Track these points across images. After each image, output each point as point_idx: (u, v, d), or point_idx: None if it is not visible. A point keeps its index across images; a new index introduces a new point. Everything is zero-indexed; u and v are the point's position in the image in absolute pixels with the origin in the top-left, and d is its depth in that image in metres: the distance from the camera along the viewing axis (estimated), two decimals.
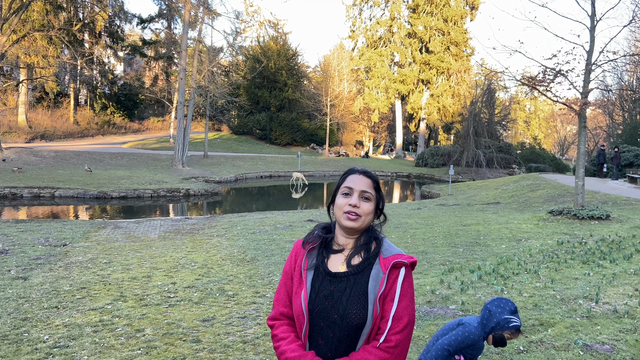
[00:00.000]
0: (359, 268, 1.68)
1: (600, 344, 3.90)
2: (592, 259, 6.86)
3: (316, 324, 1.66)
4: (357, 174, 1.75)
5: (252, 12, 39.45)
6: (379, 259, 1.69)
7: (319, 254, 1.75)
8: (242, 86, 47.52)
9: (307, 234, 1.83)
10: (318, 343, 1.67)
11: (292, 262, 1.79)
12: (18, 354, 3.92)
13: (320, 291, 1.67)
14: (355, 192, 1.71)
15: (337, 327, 1.63)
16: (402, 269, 1.66)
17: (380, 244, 1.73)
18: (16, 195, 17.84)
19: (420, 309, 4.93)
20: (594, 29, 11.19)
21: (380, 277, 1.64)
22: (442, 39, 44.96)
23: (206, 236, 9.98)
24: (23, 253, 7.76)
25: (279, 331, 1.73)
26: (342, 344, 1.64)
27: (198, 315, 4.95)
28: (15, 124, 35.55)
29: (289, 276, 1.78)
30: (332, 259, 1.74)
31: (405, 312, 1.63)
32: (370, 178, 1.75)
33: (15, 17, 23.82)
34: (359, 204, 1.69)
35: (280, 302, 1.77)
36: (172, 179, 22.52)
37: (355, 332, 1.63)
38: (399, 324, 1.61)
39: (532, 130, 74.97)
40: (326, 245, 1.78)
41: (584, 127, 11.63)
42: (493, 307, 2.51)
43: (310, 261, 1.73)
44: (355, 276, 1.67)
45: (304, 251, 1.77)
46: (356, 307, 1.62)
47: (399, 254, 1.69)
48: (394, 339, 1.60)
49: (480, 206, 16.17)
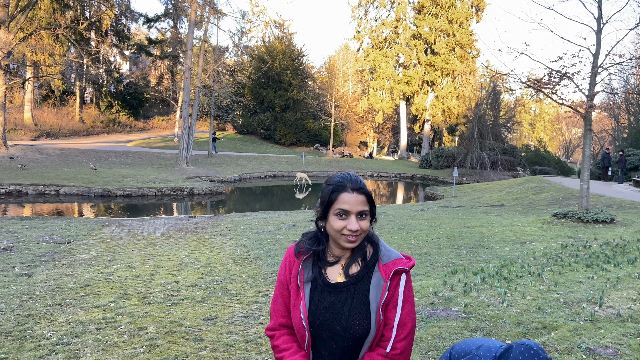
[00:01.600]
0: (358, 277, 1.64)
1: (603, 347, 3.89)
2: (596, 263, 6.83)
3: (318, 335, 1.63)
4: (351, 192, 1.60)
5: (258, 12, 39.58)
6: (378, 265, 1.64)
7: (314, 265, 1.69)
8: (247, 86, 47.61)
9: (297, 242, 1.76)
10: (322, 354, 1.64)
11: (286, 272, 1.72)
12: (21, 350, 3.94)
13: (320, 303, 1.63)
14: (352, 215, 1.60)
15: (340, 338, 1.60)
16: (402, 275, 1.62)
17: (378, 249, 1.68)
18: (21, 192, 17.92)
19: (423, 311, 4.93)
20: (600, 31, 11.15)
21: (381, 285, 1.60)
22: (448, 41, 44.88)
23: (209, 235, 9.99)
24: (27, 250, 7.80)
25: (280, 341, 1.69)
26: (347, 354, 1.62)
27: (201, 314, 4.96)
28: (21, 122, 35.72)
29: (285, 287, 1.72)
30: (329, 271, 1.68)
31: (408, 318, 1.61)
32: (364, 194, 1.63)
33: (22, 15, 23.94)
34: (358, 226, 1.60)
35: (278, 312, 1.72)
36: (176, 178, 22.57)
37: (358, 342, 1.60)
38: (403, 330, 1.59)
39: (537, 133, 74.78)
40: (319, 256, 1.70)
41: (589, 130, 11.59)
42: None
43: (306, 273, 1.67)
44: (355, 285, 1.63)
45: (299, 261, 1.70)
46: (359, 317, 1.59)
47: (398, 258, 1.64)
48: (399, 346, 1.58)
49: (484, 208, 16.13)
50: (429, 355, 3.89)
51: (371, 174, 37.04)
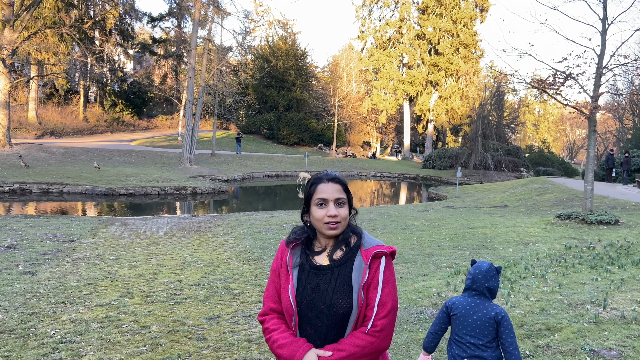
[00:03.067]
0: (342, 260, 1.77)
1: (607, 349, 3.87)
2: (600, 264, 6.81)
3: (305, 315, 1.76)
4: (326, 182, 1.80)
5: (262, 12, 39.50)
6: (360, 250, 1.77)
7: (302, 253, 1.84)
8: (251, 85, 47.63)
9: (288, 235, 1.92)
10: (308, 333, 1.76)
11: (278, 260, 1.87)
12: (25, 349, 3.95)
13: (307, 284, 1.76)
14: (330, 202, 1.77)
15: (325, 316, 1.73)
16: (382, 258, 1.76)
17: (361, 237, 1.82)
18: (25, 190, 17.98)
19: (426, 311, 4.92)
20: (605, 32, 11.11)
21: (362, 267, 1.73)
22: (452, 41, 44.80)
23: (212, 234, 10.00)
24: (31, 248, 7.82)
25: (270, 324, 1.81)
26: (331, 332, 1.74)
27: (203, 313, 4.96)
28: (25, 120, 35.85)
29: (277, 274, 1.86)
30: (316, 258, 1.83)
31: (388, 298, 1.72)
32: (339, 183, 1.81)
33: (27, 14, 24.01)
34: (337, 212, 1.76)
35: (269, 298, 1.86)
36: (179, 177, 22.60)
37: (342, 320, 1.72)
38: (383, 309, 1.71)
39: (541, 134, 74.57)
40: (308, 246, 1.86)
41: (593, 131, 11.55)
42: (494, 285, 2.57)
43: (294, 258, 1.82)
44: (339, 268, 1.76)
45: (288, 249, 1.85)
46: (342, 296, 1.72)
47: (379, 244, 1.78)
48: (380, 323, 1.70)
49: (487, 209, 16.10)
50: (432, 355, 3.88)
51: (374, 174, 37.00)
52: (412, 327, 4.51)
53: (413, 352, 3.94)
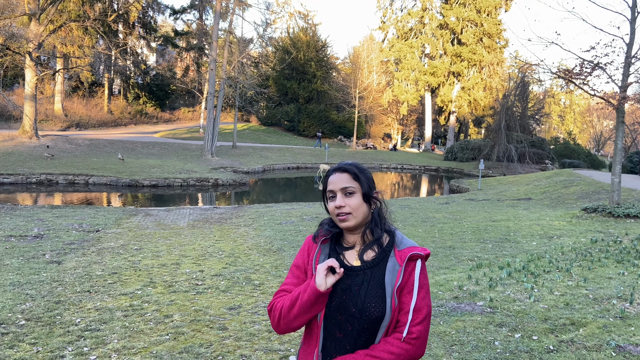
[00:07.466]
0: (374, 261, 1.68)
1: (633, 345, 3.78)
2: (627, 259, 6.65)
3: (333, 317, 1.65)
4: (333, 173, 1.73)
5: (283, 3, 39.48)
6: (394, 251, 1.68)
7: (331, 250, 1.74)
8: (271, 77, 47.69)
9: (316, 229, 1.82)
10: (336, 336, 1.66)
11: (304, 257, 1.77)
12: (51, 336, 4.05)
13: (337, 284, 1.64)
14: (337, 193, 1.69)
15: (356, 320, 1.63)
16: (418, 261, 1.66)
17: (394, 237, 1.73)
18: (52, 181, 18.39)
19: (447, 305, 4.88)
20: (634, 20, 10.78)
21: (396, 269, 1.64)
22: (475, 31, 44.03)
23: (233, 226, 10.08)
24: (57, 238, 8.00)
25: (276, 302, 1.69)
26: (362, 337, 1.64)
27: (225, 303, 5.01)
28: (51, 112, 36.60)
29: (302, 270, 1.75)
30: (346, 255, 1.73)
31: (423, 303, 1.64)
32: (346, 172, 1.71)
33: (52, 8, 24.43)
34: (344, 202, 1.67)
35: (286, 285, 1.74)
36: (201, 169, 22.82)
37: (373, 325, 1.63)
38: (419, 315, 1.62)
39: (567, 125, 73.02)
40: (337, 241, 1.76)
41: (621, 122, 11.25)
42: None
43: (323, 255, 1.72)
44: (372, 269, 1.67)
45: (317, 245, 1.76)
46: (375, 300, 1.62)
47: (414, 246, 1.69)
48: (415, 330, 1.61)
49: (510, 202, 15.86)
50: (452, 349, 3.85)
51: (395, 166, 36.77)
52: (432, 320, 4.48)
53: (434, 346, 3.92)
